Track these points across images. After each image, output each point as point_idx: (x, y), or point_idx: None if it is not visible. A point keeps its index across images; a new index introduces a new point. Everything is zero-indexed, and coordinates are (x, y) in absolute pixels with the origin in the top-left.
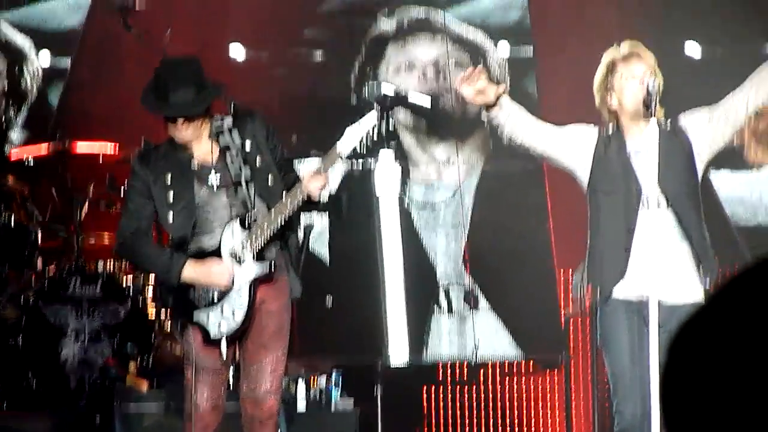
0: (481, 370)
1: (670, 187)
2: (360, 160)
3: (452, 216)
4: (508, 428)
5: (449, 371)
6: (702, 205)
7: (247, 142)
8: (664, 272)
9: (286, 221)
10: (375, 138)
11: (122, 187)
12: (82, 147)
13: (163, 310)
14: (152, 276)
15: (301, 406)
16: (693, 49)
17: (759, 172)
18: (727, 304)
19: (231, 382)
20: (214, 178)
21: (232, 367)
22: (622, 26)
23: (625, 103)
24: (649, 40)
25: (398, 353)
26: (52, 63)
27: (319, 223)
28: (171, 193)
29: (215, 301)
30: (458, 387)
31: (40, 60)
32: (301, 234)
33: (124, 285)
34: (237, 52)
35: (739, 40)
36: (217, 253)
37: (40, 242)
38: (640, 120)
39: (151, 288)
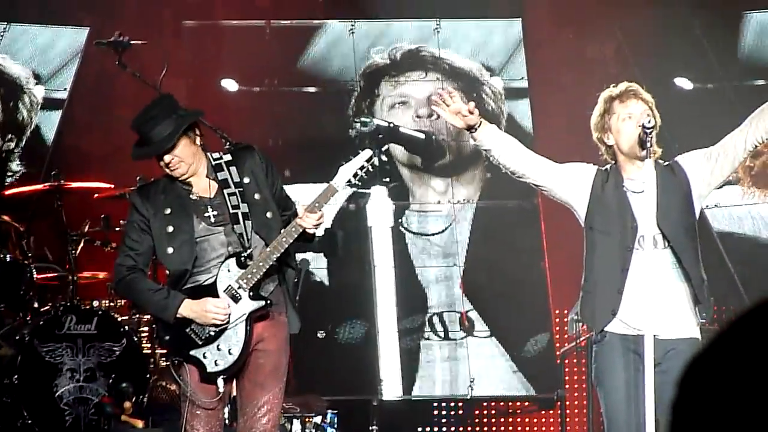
0: (476, 409)
1: (669, 226)
2: (355, 194)
3: (446, 246)
4: None
5: (444, 409)
6: (699, 243)
7: (245, 178)
8: (659, 311)
9: (282, 257)
10: (368, 174)
11: (116, 227)
12: (77, 186)
13: (159, 347)
14: (147, 314)
15: None
16: (683, 83)
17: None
18: (738, 339)
19: (228, 420)
20: (212, 213)
21: (228, 406)
22: (617, 63)
23: (621, 143)
24: (643, 75)
25: (391, 386)
26: (48, 95)
27: (312, 257)
28: (170, 226)
29: (212, 338)
30: (453, 426)
31: (36, 92)
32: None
33: (119, 323)
34: (231, 88)
35: (728, 77)
36: (213, 290)
37: (35, 280)
38: (637, 159)
39: (146, 326)
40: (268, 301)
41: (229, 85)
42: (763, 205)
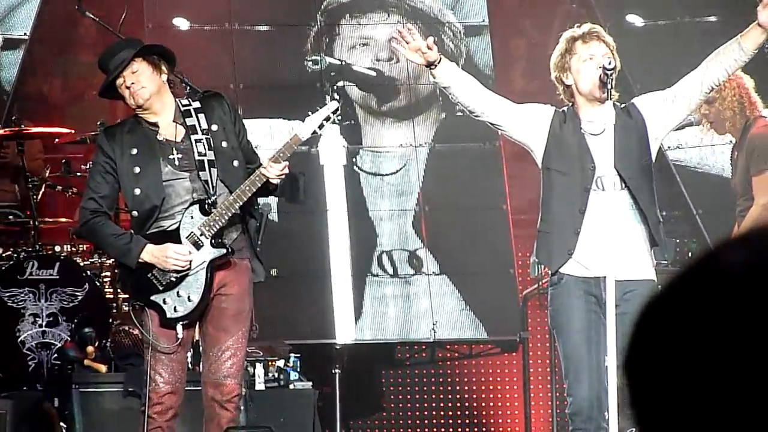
0: (439, 352)
1: (626, 167)
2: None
3: (401, 185)
4: (467, 410)
5: (408, 352)
6: (655, 184)
7: (213, 126)
8: (616, 252)
9: (245, 206)
10: (333, 125)
11: (77, 172)
12: (38, 130)
13: (120, 292)
14: (110, 259)
15: (260, 385)
16: (635, 20)
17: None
18: (696, 280)
19: (191, 365)
20: (176, 156)
21: (191, 350)
22: (579, 5)
23: (581, 83)
24: (604, 19)
25: (348, 328)
26: (7, 43)
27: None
28: (137, 167)
29: (172, 284)
30: (417, 368)
31: None
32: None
33: (81, 268)
34: (185, 27)
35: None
36: (175, 236)
37: None
38: (596, 101)
39: (108, 271)
40: (229, 250)
41: (184, 24)
42: (723, 145)
